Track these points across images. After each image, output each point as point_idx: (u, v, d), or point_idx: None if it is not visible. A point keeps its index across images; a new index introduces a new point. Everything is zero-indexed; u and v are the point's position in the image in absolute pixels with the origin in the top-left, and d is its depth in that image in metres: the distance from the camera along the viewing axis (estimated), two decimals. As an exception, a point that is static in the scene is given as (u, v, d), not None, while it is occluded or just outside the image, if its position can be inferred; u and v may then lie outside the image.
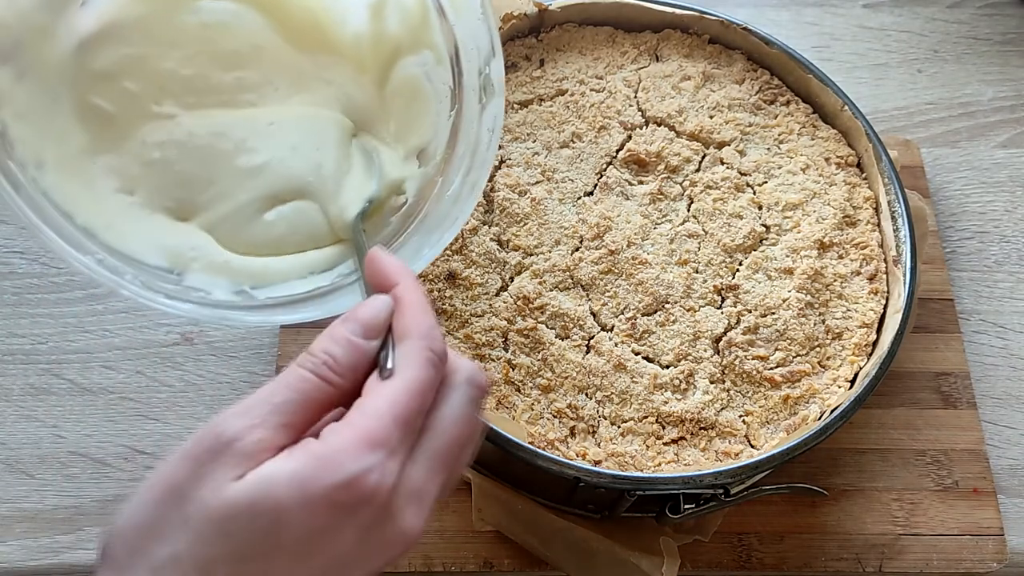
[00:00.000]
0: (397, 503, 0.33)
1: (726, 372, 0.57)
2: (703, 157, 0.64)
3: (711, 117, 0.65)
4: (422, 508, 0.34)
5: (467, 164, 0.47)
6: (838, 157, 0.65)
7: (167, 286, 0.43)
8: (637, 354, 0.57)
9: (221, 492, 0.31)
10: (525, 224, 0.60)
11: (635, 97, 0.66)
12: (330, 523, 0.32)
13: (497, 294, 0.59)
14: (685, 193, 0.63)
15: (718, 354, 0.58)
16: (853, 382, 0.57)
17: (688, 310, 0.58)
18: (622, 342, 0.57)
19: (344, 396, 0.35)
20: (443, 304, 0.57)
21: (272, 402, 0.33)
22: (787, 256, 0.60)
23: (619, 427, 0.55)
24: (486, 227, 0.61)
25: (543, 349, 0.57)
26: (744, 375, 0.57)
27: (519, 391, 0.56)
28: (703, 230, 0.61)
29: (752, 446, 0.56)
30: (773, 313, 0.58)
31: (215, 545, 0.31)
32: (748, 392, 0.57)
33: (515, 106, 0.66)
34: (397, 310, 0.37)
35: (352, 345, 0.36)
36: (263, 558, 0.31)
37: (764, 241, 0.61)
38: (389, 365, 0.35)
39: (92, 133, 0.43)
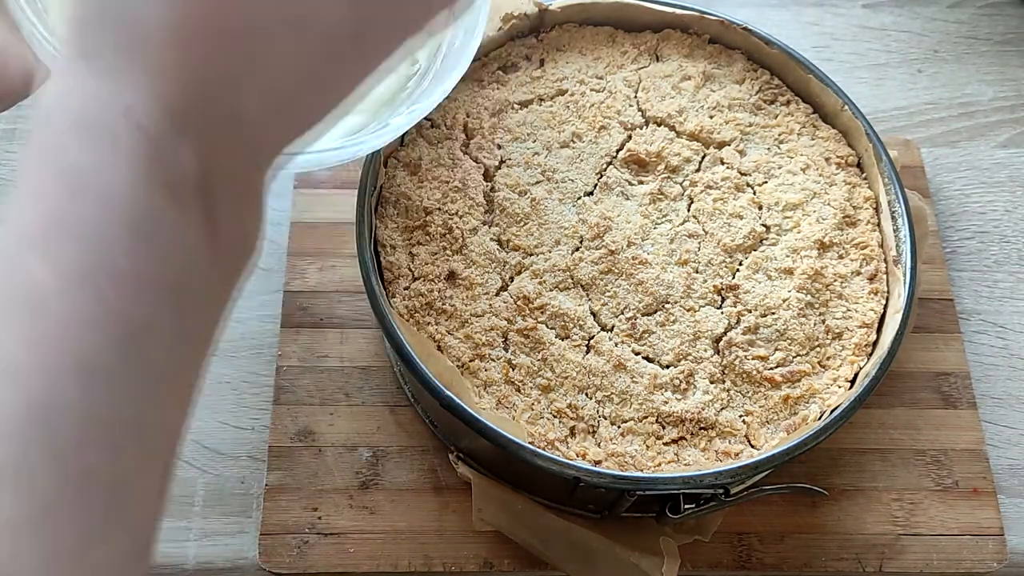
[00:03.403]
0: None
1: (726, 372, 0.57)
2: (703, 157, 0.64)
3: (711, 117, 0.65)
4: None
5: (465, 17, 0.51)
6: (838, 157, 0.65)
7: None
8: (637, 354, 0.57)
9: None
10: (525, 224, 0.60)
11: (635, 97, 0.66)
12: None
13: (497, 294, 0.59)
14: (685, 193, 0.63)
15: (718, 354, 0.58)
16: (853, 382, 0.57)
17: (688, 310, 0.58)
18: (622, 342, 0.57)
19: None
20: (443, 304, 0.57)
21: None
22: (787, 256, 0.60)
23: (619, 427, 0.55)
24: (486, 227, 0.61)
25: (543, 349, 0.57)
26: (744, 375, 0.57)
27: (519, 391, 0.56)
28: (703, 230, 0.61)
29: (752, 446, 0.56)
30: (773, 313, 0.58)
31: None
32: (748, 392, 0.57)
33: (515, 106, 0.66)
34: None
35: None
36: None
37: (764, 241, 0.61)
38: None
39: None
